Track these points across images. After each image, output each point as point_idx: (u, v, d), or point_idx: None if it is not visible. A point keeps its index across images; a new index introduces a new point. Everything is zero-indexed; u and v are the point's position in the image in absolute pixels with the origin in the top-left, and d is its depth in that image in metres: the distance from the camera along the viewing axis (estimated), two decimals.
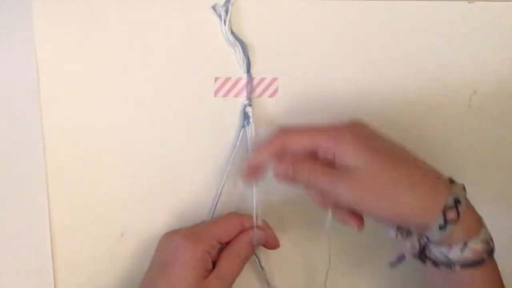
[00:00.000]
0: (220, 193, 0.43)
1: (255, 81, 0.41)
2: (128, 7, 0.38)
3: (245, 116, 0.41)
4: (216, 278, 0.38)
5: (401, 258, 0.37)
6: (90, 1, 0.38)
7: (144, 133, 0.41)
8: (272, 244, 0.43)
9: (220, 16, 0.39)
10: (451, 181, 0.36)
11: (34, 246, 0.42)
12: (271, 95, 0.42)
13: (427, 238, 0.35)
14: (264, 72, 0.41)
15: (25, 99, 0.39)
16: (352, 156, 0.35)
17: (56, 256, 0.42)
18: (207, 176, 0.43)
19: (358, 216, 0.38)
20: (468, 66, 0.44)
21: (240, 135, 0.42)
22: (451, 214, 0.34)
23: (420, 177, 0.35)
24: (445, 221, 0.34)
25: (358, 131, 0.36)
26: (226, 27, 0.39)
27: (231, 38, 0.40)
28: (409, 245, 0.36)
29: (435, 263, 0.35)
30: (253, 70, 0.41)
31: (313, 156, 0.37)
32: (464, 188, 0.36)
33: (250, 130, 0.42)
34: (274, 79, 0.42)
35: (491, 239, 0.36)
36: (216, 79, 0.41)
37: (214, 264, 0.40)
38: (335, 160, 0.36)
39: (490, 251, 0.35)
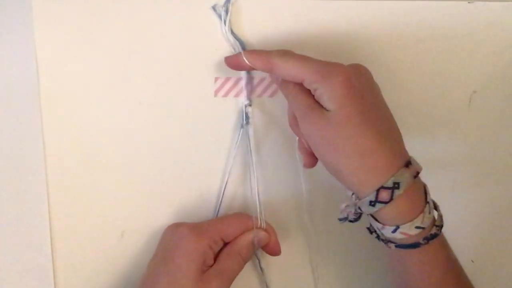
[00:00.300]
0: (223, 193, 0.43)
1: (255, 81, 0.41)
2: (128, 7, 0.38)
3: (245, 116, 0.41)
4: (215, 274, 0.39)
5: (347, 218, 0.38)
6: (90, 1, 0.38)
7: (144, 133, 0.41)
8: (273, 249, 0.43)
9: (220, 16, 0.39)
10: (407, 164, 0.35)
11: (34, 246, 0.42)
12: (271, 95, 0.42)
13: (359, 207, 0.36)
14: (264, 72, 0.41)
15: (25, 99, 0.39)
16: (330, 98, 0.35)
17: (56, 256, 0.42)
18: (207, 176, 0.43)
19: (311, 156, 0.39)
20: (468, 66, 0.44)
21: (240, 134, 0.42)
22: (384, 195, 0.34)
23: (376, 148, 0.35)
24: (376, 199, 0.34)
25: (350, 76, 0.35)
26: (226, 27, 0.39)
27: (231, 38, 0.40)
28: (351, 208, 0.37)
29: (378, 238, 0.37)
30: (253, 70, 0.41)
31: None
32: (415, 175, 0.36)
33: (250, 130, 0.42)
34: None
35: (436, 226, 0.37)
36: (216, 79, 0.41)
37: (215, 261, 0.40)
38: (314, 93, 0.36)
39: (428, 237, 0.36)
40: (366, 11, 0.41)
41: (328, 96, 0.35)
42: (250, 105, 0.41)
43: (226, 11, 0.39)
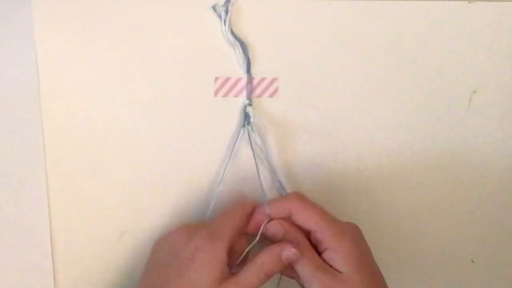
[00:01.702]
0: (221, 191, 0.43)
1: (255, 81, 0.41)
2: (128, 7, 0.38)
3: (246, 116, 0.41)
4: (233, 285, 0.37)
5: None
6: (90, 1, 0.38)
7: (144, 133, 0.41)
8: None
9: (220, 16, 0.39)
10: None
11: (34, 246, 0.42)
12: (271, 95, 0.42)
13: None
14: (264, 72, 0.41)
15: (25, 99, 0.39)
16: (344, 260, 0.37)
17: (56, 256, 0.42)
18: (207, 176, 0.43)
19: None
20: (468, 66, 0.44)
21: (240, 135, 0.42)
22: None
23: None
24: None
25: (356, 239, 0.38)
26: (226, 27, 0.39)
27: (231, 38, 0.40)
28: None
29: None
30: (253, 70, 0.41)
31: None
32: None
33: (251, 130, 0.42)
34: (274, 79, 0.42)
35: None
36: (216, 79, 0.41)
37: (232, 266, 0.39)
38: (324, 252, 0.38)
39: None
40: (366, 11, 0.41)
41: (342, 258, 0.37)
42: (250, 105, 0.41)
43: (226, 11, 0.39)
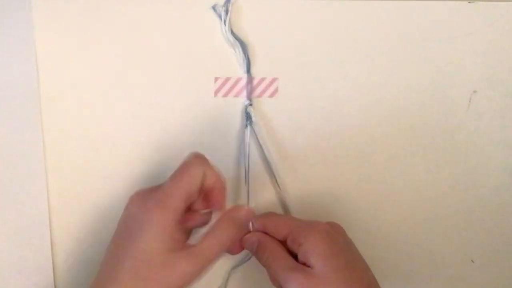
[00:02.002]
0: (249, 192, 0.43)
1: (255, 81, 0.42)
2: (128, 7, 0.38)
3: (247, 116, 0.41)
4: (188, 255, 0.36)
5: None
6: (90, 1, 0.38)
7: (144, 133, 0.41)
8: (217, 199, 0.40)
9: (220, 16, 0.39)
10: None
11: (34, 246, 0.42)
12: (271, 95, 0.42)
13: None
14: (264, 72, 0.41)
15: (25, 99, 0.39)
16: (315, 255, 0.37)
17: (56, 256, 0.42)
18: None
19: None
20: (468, 66, 0.44)
21: (244, 135, 0.42)
22: None
23: None
24: None
25: (330, 234, 0.38)
26: (226, 27, 0.39)
27: (231, 38, 0.40)
28: None
29: None
30: (253, 70, 0.41)
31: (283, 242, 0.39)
32: None
33: (255, 129, 0.42)
34: (274, 79, 0.42)
35: None
36: (216, 79, 0.41)
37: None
38: (298, 252, 0.38)
39: None
40: (366, 11, 0.41)
41: (313, 252, 0.37)
42: (251, 105, 0.41)
43: (226, 11, 0.39)
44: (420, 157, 0.45)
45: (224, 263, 0.45)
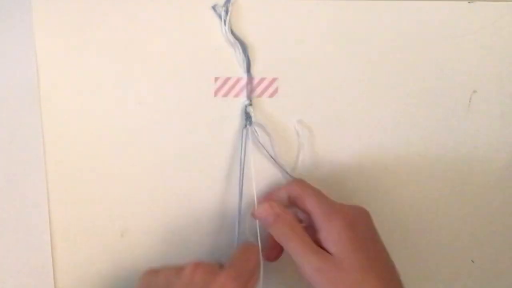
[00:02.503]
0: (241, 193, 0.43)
1: (255, 81, 0.41)
2: (128, 7, 0.38)
3: (247, 116, 0.41)
4: None
5: None
6: (90, 1, 0.38)
7: (144, 133, 0.41)
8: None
9: (220, 16, 0.39)
10: None
11: (34, 246, 0.42)
12: (271, 95, 0.42)
13: None
14: (264, 72, 0.41)
15: (25, 99, 0.39)
16: (335, 242, 0.36)
17: (56, 256, 0.42)
18: (206, 176, 0.43)
19: (275, 250, 0.41)
20: (468, 66, 0.44)
21: (243, 135, 0.42)
22: None
23: None
24: None
25: (354, 220, 0.37)
26: (226, 27, 0.39)
27: (231, 38, 0.40)
28: None
29: None
30: (253, 70, 0.41)
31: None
32: None
33: (253, 130, 0.42)
34: (274, 79, 0.42)
35: None
36: (216, 79, 0.41)
37: None
38: (317, 233, 0.37)
39: None
40: (366, 11, 0.41)
41: (333, 239, 0.36)
42: (251, 105, 0.41)
43: (226, 11, 0.39)
44: (419, 157, 0.45)
45: None
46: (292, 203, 0.40)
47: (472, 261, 0.49)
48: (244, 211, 0.43)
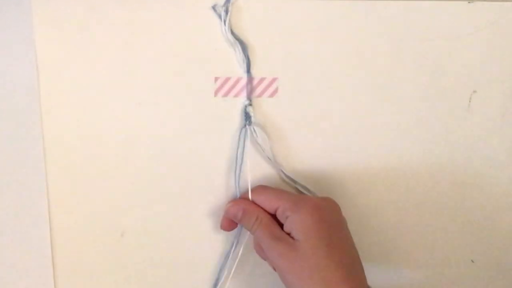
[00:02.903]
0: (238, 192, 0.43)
1: (255, 81, 0.42)
2: (128, 7, 0.38)
3: (246, 116, 0.41)
4: None
5: None
6: (90, 1, 0.38)
7: (144, 133, 0.41)
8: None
9: (220, 16, 0.39)
10: None
11: (34, 246, 0.42)
12: (271, 95, 0.42)
13: None
14: (264, 72, 0.41)
15: (25, 99, 0.39)
16: (299, 228, 0.37)
17: (56, 256, 0.42)
18: (206, 176, 0.43)
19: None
20: (468, 66, 0.44)
21: (243, 135, 0.42)
22: None
23: (339, 280, 0.36)
24: None
25: (320, 209, 0.38)
26: (226, 27, 0.39)
27: (231, 38, 0.40)
28: None
29: None
30: (253, 70, 0.41)
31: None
32: None
33: (252, 130, 0.42)
34: (274, 79, 0.42)
35: None
36: (216, 79, 0.41)
37: None
38: (285, 223, 0.38)
39: None
40: (366, 11, 0.41)
41: (297, 225, 0.37)
42: (250, 105, 0.41)
43: (226, 11, 0.39)
44: (419, 157, 0.45)
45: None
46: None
47: (472, 261, 0.49)
48: None
